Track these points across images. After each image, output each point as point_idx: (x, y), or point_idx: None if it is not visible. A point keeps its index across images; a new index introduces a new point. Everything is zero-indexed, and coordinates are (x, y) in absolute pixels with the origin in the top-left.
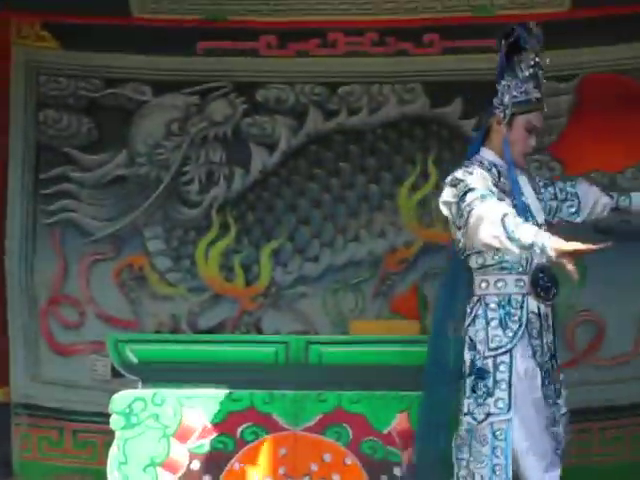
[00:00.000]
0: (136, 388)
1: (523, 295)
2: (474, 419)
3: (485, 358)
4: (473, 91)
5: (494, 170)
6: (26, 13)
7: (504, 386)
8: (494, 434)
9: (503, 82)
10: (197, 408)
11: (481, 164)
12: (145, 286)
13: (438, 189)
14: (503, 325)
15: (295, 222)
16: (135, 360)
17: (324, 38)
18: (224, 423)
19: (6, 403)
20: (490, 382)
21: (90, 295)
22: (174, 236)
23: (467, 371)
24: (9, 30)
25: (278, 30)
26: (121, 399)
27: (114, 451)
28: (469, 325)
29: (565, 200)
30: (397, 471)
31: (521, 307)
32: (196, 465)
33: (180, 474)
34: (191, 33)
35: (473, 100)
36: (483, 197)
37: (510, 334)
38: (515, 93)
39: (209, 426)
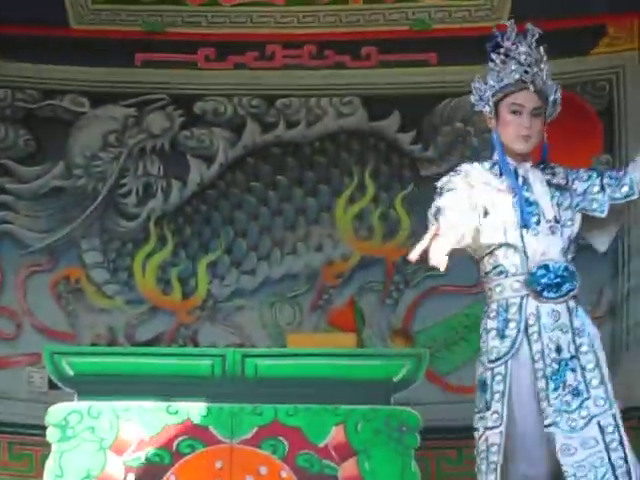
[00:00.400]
0: (72, 400)
1: (521, 297)
2: (477, 433)
3: (486, 370)
4: (411, 105)
5: (495, 168)
6: None
7: (498, 397)
8: (488, 448)
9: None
10: (133, 421)
11: (481, 164)
12: (82, 298)
13: (375, 202)
14: (500, 334)
15: (232, 235)
16: (71, 372)
17: (262, 51)
18: (160, 436)
19: None
20: (488, 395)
21: (27, 307)
22: (111, 248)
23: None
24: None
25: (216, 42)
26: (57, 412)
27: (50, 464)
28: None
29: (618, 185)
30: None
31: (519, 311)
32: (132, 478)
33: None
34: (129, 45)
35: (410, 114)
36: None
37: (507, 344)
38: (492, 83)
39: (145, 439)
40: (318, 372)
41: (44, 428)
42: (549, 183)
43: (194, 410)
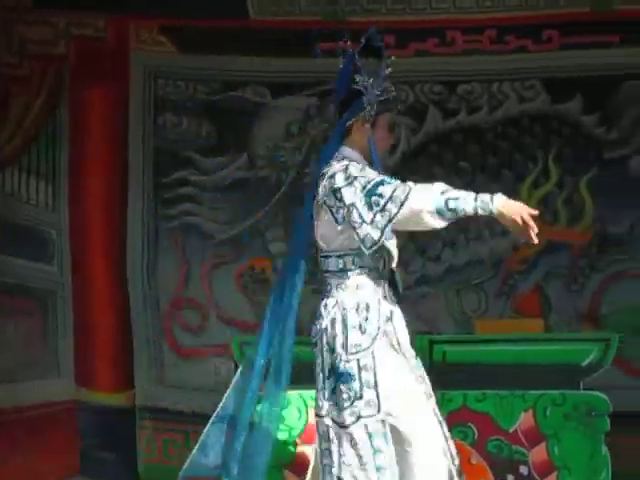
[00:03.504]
0: None
1: (379, 300)
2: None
3: (347, 362)
4: (593, 87)
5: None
6: (143, 18)
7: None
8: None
9: (360, 82)
10: None
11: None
12: (268, 288)
13: (559, 186)
14: (362, 330)
15: None
16: None
17: (442, 37)
18: None
19: (131, 407)
20: (357, 385)
21: (212, 298)
22: None
23: (326, 374)
24: (127, 35)
25: (397, 30)
26: None
27: None
28: (325, 328)
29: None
30: (523, 470)
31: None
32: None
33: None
34: (309, 34)
35: (594, 96)
36: (405, 183)
37: (369, 338)
38: (377, 92)
39: None
40: (506, 358)
41: None
42: None
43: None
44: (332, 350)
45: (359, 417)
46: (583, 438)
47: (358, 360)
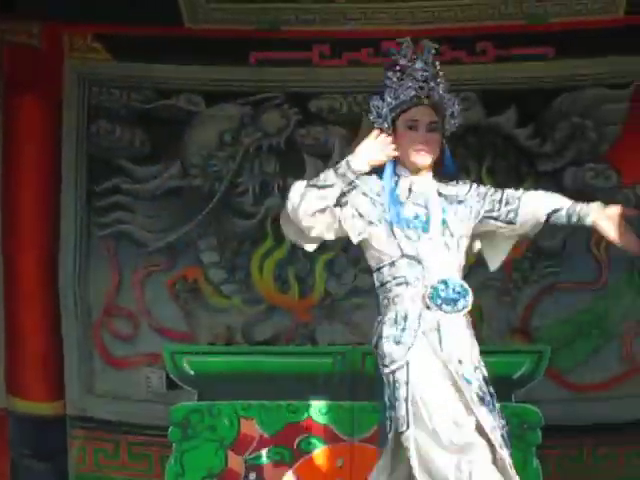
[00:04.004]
0: (191, 400)
1: (420, 309)
2: None
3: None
4: (528, 99)
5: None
6: (78, 25)
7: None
8: None
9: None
10: (253, 419)
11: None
12: (199, 298)
13: None
14: (397, 341)
15: None
16: (191, 372)
17: (377, 47)
18: (281, 434)
19: (62, 416)
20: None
21: (144, 307)
22: (228, 247)
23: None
24: (62, 42)
25: (331, 39)
26: (178, 411)
27: (171, 463)
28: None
29: (507, 203)
30: None
31: (419, 322)
32: (253, 476)
33: None
34: (244, 43)
35: (527, 108)
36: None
37: (404, 349)
38: (389, 100)
39: (266, 437)
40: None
41: (163, 429)
42: (441, 194)
43: (315, 408)
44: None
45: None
46: (515, 450)
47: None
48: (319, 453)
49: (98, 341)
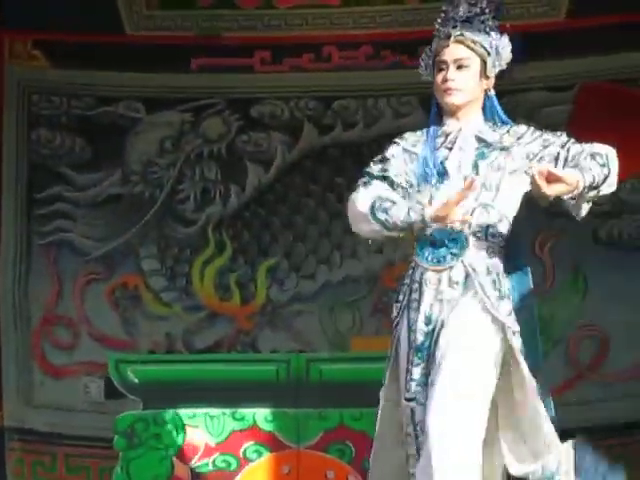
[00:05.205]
0: (131, 409)
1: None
2: None
3: None
4: None
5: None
6: (18, 32)
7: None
8: None
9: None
10: (199, 427)
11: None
12: (140, 306)
13: None
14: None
15: (291, 239)
16: (136, 380)
17: (318, 53)
18: (227, 442)
19: None
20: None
21: (84, 315)
22: (169, 255)
23: None
24: (1, 49)
25: (272, 45)
26: (123, 420)
27: (117, 472)
28: None
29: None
30: None
31: (410, 278)
32: None
33: None
34: (184, 50)
35: None
36: (365, 184)
37: (395, 312)
38: (431, 49)
39: (212, 445)
40: (382, 375)
41: (102, 440)
42: (480, 139)
43: (260, 416)
44: None
45: None
46: None
47: None
48: (265, 460)
49: (37, 351)
